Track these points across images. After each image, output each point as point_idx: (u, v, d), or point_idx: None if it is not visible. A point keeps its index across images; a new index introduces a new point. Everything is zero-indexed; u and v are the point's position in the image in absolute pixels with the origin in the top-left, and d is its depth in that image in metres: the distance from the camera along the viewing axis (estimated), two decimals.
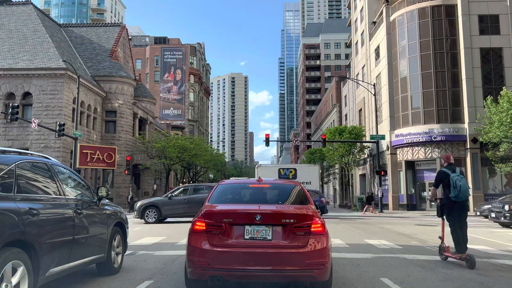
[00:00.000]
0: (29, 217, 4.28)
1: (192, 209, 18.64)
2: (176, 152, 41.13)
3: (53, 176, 5.23)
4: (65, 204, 5.19)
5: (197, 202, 18.97)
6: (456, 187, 7.71)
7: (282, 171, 29.36)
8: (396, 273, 6.92)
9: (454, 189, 7.74)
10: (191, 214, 19.20)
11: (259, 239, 4.91)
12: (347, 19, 71.50)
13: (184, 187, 20.73)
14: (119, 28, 45.60)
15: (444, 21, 33.17)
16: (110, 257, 6.51)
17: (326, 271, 4.94)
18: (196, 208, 18.73)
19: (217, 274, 4.85)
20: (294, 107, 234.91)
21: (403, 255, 9.06)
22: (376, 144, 32.83)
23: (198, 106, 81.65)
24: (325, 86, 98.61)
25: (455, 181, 7.74)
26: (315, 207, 5.56)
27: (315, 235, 4.92)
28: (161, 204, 19.22)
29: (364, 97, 43.62)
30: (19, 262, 4.06)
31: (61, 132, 26.88)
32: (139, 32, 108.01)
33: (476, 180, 30.67)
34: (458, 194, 7.72)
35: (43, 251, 4.44)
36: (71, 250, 5.12)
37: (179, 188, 20.73)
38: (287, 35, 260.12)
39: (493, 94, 30.38)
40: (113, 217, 6.71)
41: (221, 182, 6.41)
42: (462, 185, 7.69)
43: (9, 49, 34.38)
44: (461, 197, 7.75)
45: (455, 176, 7.81)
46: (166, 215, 19.44)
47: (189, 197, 19.56)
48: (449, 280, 6.42)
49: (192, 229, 5.10)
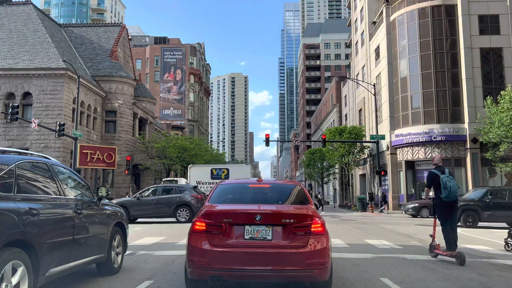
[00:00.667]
0: (29, 217, 4.28)
1: (161, 210, 18.63)
2: (176, 152, 41.14)
3: (53, 176, 5.23)
4: (65, 204, 5.18)
5: (165, 203, 18.97)
6: (446, 187, 8.05)
7: (214, 171, 29.24)
8: (396, 273, 6.92)
9: (444, 190, 8.07)
10: (159, 215, 19.19)
11: (259, 239, 4.91)
12: (347, 19, 71.50)
13: (154, 188, 20.47)
14: (119, 28, 45.61)
15: (444, 21, 33.16)
16: (110, 257, 6.50)
17: (326, 271, 4.94)
18: (164, 209, 18.84)
19: (217, 274, 4.85)
20: (294, 107, 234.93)
21: (403, 255, 9.05)
22: (376, 144, 32.84)
23: (198, 106, 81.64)
24: (325, 86, 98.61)
25: (445, 182, 8.08)
26: (315, 207, 5.56)
27: (315, 235, 4.92)
28: (129, 205, 18.90)
29: (364, 97, 43.62)
30: (19, 262, 4.06)
31: (61, 132, 26.88)
32: (139, 32, 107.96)
33: (476, 180, 30.64)
34: (449, 194, 8.06)
35: (43, 251, 4.44)
36: (71, 250, 5.12)
37: (149, 189, 20.44)
38: (287, 35, 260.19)
39: (493, 94, 30.37)
40: (113, 217, 6.71)
41: (221, 182, 6.41)
42: (452, 186, 8.04)
43: (9, 49, 34.39)
44: (451, 197, 8.10)
45: (445, 177, 8.15)
46: (135, 216, 19.14)
47: (157, 198, 19.34)
48: (449, 280, 6.42)
49: (192, 229, 5.10)
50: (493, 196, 17.92)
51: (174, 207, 18.77)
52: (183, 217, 18.59)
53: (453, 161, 31.77)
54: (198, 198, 19.02)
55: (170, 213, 18.82)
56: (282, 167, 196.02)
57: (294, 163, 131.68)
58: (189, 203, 18.77)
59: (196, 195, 19.16)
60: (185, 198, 18.96)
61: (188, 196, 19.02)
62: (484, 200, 17.62)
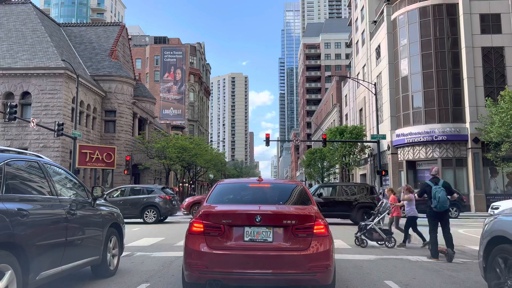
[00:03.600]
0: (18, 218, 4.08)
1: (127, 211, 18.32)
2: (176, 152, 40.93)
3: (45, 175, 5.04)
4: (57, 205, 4.99)
5: (131, 203, 18.84)
6: (436, 198, 8.53)
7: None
8: (400, 276, 6.73)
9: (434, 200, 8.56)
10: (127, 216, 18.95)
11: (259, 241, 4.72)
12: (347, 19, 71.31)
13: (122, 188, 20.33)
14: (118, 27, 45.41)
15: (445, 20, 32.97)
16: (106, 259, 6.32)
17: (329, 274, 4.75)
18: (131, 210, 18.66)
19: (216, 278, 4.66)
20: (294, 107, 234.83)
21: (407, 256, 8.87)
22: (377, 144, 32.62)
23: (198, 106, 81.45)
24: (325, 86, 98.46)
25: (435, 193, 8.58)
26: (317, 208, 5.36)
27: (318, 237, 4.73)
28: None
29: (365, 96, 43.43)
30: (7, 266, 3.86)
31: (60, 132, 26.67)
32: (139, 32, 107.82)
33: (477, 180, 30.46)
34: (437, 204, 8.52)
35: (33, 254, 4.24)
36: (63, 252, 4.92)
37: (117, 189, 20.33)
38: (288, 35, 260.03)
39: (495, 93, 30.21)
40: (109, 218, 6.52)
41: (220, 182, 6.21)
42: (440, 197, 8.49)
43: (8, 48, 34.21)
44: (440, 208, 8.53)
45: (436, 188, 8.66)
46: None
47: (124, 198, 19.22)
48: (456, 283, 6.23)
49: (190, 230, 4.90)
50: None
51: (141, 208, 18.67)
52: (150, 218, 18.51)
53: (454, 161, 31.58)
54: (166, 199, 18.99)
55: (137, 214, 18.71)
56: (282, 167, 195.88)
57: (294, 163, 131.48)
58: (156, 204, 18.68)
59: (164, 196, 19.06)
60: (152, 199, 18.87)
61: (155, 197, 18.92)
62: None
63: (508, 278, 4.38)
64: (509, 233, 4.35)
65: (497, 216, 4.84)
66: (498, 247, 4.57)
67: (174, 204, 19.88)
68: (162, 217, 19.16)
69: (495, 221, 4.75)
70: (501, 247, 4.52)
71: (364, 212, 17.51)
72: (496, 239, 4.63)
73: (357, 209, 17.87)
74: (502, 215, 4.77)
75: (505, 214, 4.74)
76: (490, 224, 4.85)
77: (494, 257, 4.65)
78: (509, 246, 4.36)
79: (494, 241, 4.67)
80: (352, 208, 18.07)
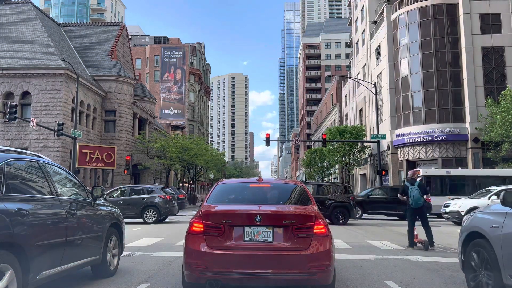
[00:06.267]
0: (18, 218, 4.08)
1: (127, 211, 18.27)
2: (176, 152, 40.90)
3: (45, 175, 5.03)
4: (57, 204, 4.99)
5: (132, 203, 18.81)
6: (411, 197, 10.38)
7: None
8: (400, 276, 6.73)
9: (410, 198, 10.43)
10: (127, 215, 18.95)
11: (259, 241, 4.72)
12: (347, 19, 71.31)
13: (122, 188, 20.31)
14: (118, 27, 45.39)
15: (446, 20, 32.98)
16: (106, 259, 6.31)
17: (329, 274, 4.75)
18: (131, 210, 18.68)
19: (216, 278, 4.66)
20: (294, 107, 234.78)
21: (407, 256, 8.86)
22: (377, 143, 32.63)
23: (198, 106, 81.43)
24: (325, 86, 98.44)
25: (410, 192, 10.45)
26: (317, 208, 5.36)
27: (318, 237, 4.73)
28: None
29: (365, 96, 43.42)
30: (7, 266, 3.86)
31: (60, 132, 26.68)
32: (139, 32, 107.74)
33: None
34: (412, 202, 10.37)
35: (33, 254, 4.24)
36: (63, 252, 4.91)
37: (117, 189, 20.33)
38: (288, 35, 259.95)
39: (495, 93, 30.22)
40: (109, 218, 6.51)
41: (220, 182, 6.20)
42: (414, 195, 10.34)
43: (8, 48, 34.20)
44: (415, 205, 10.37)
45: (411, 188, 10.48)
46: None
47: (124, 198, 19.20)
48: (456, 283, 6.22)
49: (190, 230, 4.91)
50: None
51: (141, 208, 18.68)
52: (150, 218, 18.51)
53: (454, 161, 31.57)
54: (166, 199, 18.99)
55: (137, 214, 18.70)
56: (282, 167, 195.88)
57: (294, 163, 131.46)
58: (156, 204, 18.67)
59: (164, 196, 19.08)
60: (152, 199, 18.88)
61: (155, 197, 18.93)
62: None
63: (482, 270, 4.68)
64: (482, 228, 4.69)
65: (473, 214, 5.19)
66: (473, 241, 4.92)
67: (174, 204, 19.89)
68: (162, 217, 19.17)
69: (472, 218, 5.12)
70: (475, 241, 4.86)
71: (338, 212, 17.93)
72: (471, 235, 4.98)
73: (332, 208, 18.02)
74: (478, 213, 5.12)
75: (480, 212, 5.09)
76: (468, 221, 5.20)
77: (470, 252, 4.97)
78: (482, 240, 4.67)
79: (470, 237, 5.01)
80: (327, 207, 18.15)
